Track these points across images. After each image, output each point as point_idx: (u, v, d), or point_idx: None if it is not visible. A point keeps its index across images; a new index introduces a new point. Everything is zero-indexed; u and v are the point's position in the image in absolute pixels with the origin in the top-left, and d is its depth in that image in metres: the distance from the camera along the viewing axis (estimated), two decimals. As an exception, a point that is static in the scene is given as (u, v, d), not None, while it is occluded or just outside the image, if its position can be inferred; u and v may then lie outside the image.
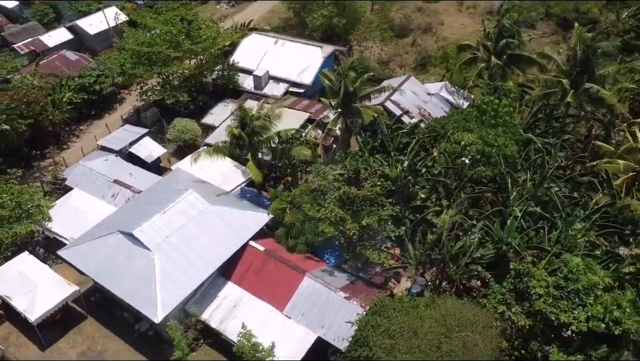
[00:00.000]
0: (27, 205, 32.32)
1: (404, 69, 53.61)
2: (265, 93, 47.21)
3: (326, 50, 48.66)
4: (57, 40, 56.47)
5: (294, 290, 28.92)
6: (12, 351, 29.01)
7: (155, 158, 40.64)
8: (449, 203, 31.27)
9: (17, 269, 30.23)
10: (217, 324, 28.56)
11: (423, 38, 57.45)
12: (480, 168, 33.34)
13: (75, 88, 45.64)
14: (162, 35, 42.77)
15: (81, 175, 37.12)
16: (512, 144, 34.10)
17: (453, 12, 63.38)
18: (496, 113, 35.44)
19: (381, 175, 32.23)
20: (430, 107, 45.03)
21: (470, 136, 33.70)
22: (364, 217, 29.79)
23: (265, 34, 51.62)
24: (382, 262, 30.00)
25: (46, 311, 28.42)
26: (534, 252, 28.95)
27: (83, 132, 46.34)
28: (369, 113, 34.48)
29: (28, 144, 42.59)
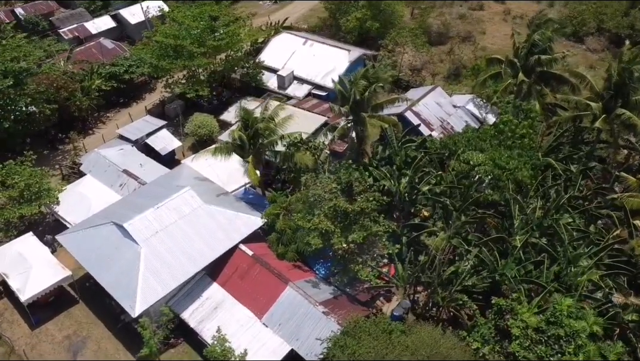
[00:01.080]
0: (35, 187, 33.48)
1: (435, 78, 51.94)
2: (287, 94, 47.00)
3: (353, 54, 47.77)
4: (100, 28, 58.54)
5: (275, 299, 28.54)
6: (4, 327, 30.26)
7: (169, 151, 41.24)
8: (444, 226, 29.88)
9: (16, 249, 31.45)
10: (196, 324, 28.61)
11: (461, 47, 55.36)
12: (488, 191, 31.74)
13: (106, 76, 47.02)
14: (189, 30, 43.26)
15: (95, 162, 38.21)
16: (527, 168, 32.16)
17: (498, 21, 60.73)
18: (513, 134, 33.55)
19: (378, 189, 31.25)
20: (454, 121, 43.33)
21: (480, 156, 32.10)
22: (354, 232, 28.96)
23: (295, 33, 51.29)
24: (369, 279, 29.10)
25: (37, 292, 29.41)
26: (529, 286, 27.24)
27: (109, 119, 47.75)
28: (376, 124, 33.39)
29: (55, 127, 44.36)
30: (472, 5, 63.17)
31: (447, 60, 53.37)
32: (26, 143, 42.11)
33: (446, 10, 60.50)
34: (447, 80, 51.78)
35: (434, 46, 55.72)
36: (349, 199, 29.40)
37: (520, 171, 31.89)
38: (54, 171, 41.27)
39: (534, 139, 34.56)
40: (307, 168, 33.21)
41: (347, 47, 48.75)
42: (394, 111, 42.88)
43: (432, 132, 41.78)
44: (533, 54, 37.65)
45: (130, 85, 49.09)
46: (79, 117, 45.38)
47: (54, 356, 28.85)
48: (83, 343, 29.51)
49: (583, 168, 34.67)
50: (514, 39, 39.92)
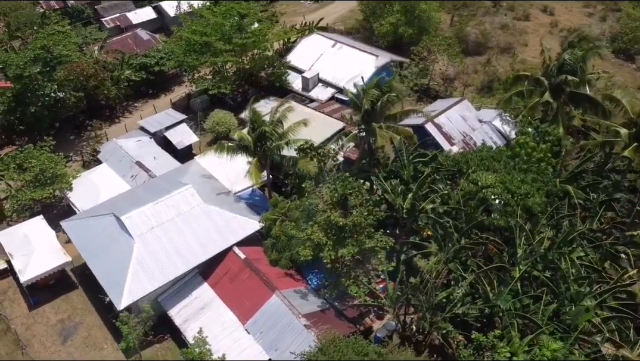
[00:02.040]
0: (49, 172, 34.59)
1: (467, 89, 50.08)
2: (310, 96, 46.57)
3: (381, 60, 46.72)
4: (141, 18, 60.09)
5: (260, 306, 28.27)
6: (5, 305, 31.50)
7: (186, 145, 41.72)
8: (441, 247, 28.64)
9: (24, 230, 32.64)
10: (181, 322, 28.78)
11: (499, 58, 53.16)
12: (494, 215, 30.21)
13: (136, 67, 48.10)
14: (215, 27, 43.53)
15: (111, 151, 39.16)
16: (539, 195, 30.38)
17: (543, 33, 57.81)
18: (529, 157, 31.76)
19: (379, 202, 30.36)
20: (478, 136, 41.57)
21: (490, 177, 30.54)
22: (347, 246, 28.25)
23: (325, 35, 50.71)
24: (359, 295, 28.33)
25: (36, 275, 30.42)
26: (524, 322, 25.69)
27: (137, 109, 48.84)
28: (386, 135, 32.38)
29: (84, 113, 45.79)
30: (518, 15, 60.46)
31: (482, 72, 51.31)
32: (54, 127, 43.78)
33: (488, 19, 58.20)
34: (479, 93, 49.82)
35: (471, 56, 53.75)
36: (343, 212, 28.64)
37: (532, 197, 30.15)
38: (76, 157, 42.66)
39: (552, 164, 32.56)
40: (310, 175, 32.68)
41: (376, 53, 47.74)
42: (414, 122, 41.71)
43: (452, 146, 40.26)
44: (563, 73, 35.44)
45: (160, 77, 49.99)
46: (106, 106, 46.67)
47: (46, 338, 29.74)
48: (75, 329, 30.28)
49: (606, 199, 32.40)
50: (544, 56, 37.75)
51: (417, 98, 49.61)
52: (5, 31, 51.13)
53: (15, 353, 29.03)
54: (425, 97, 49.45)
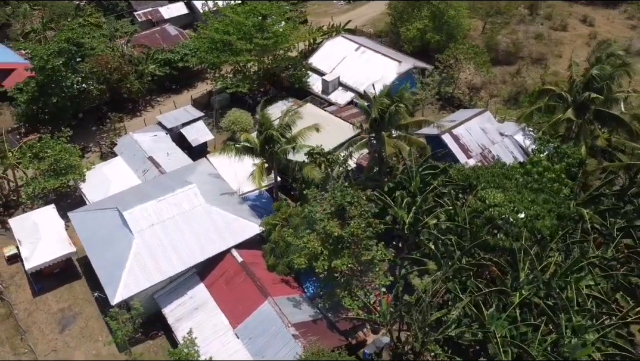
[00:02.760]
0: (63, 163, 35.39)
1: (493, 100, 48.51)
2: (329, 99, 46.10)
3: (404, 66, 45.73)
4: (173, 14, 60.90)
5: (252, 311, 28.11)
6: (11, 290, 32.47)
7: (200, 143, 41.99)
8: (440, 266, 27.73)
9: (34, 218, 33.52)
10: (174, 321, 28.95)
11: (530, 69, 51.27)
12: (500, 235, 29.04)
13: (161, 62, 48.73)
14: (237, 26, 43.56)
15: (127, 145, 39.76)
16: (550, 217, 29.03)
17: (580, 44, 55.37)
18: (541, 176, 30.38)
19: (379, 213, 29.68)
20: (498, 150, 40.15)
21: (499, 196, 29.36)
22: (343, 257, 27.73)
23: (350, 38, 50.02)
24: (352, 307, 27.79)
25: (40, 263, 31.22)
26: (519, 351, 24.57)
27: (159, 103, 49.48)
28: (392, 144, 31.61)
29: (108, 105, 46.74)
30: (555, 24, 58.12)
31: (510, 83, 49.58)
32: (77, 118, 44.85)
33: (522, 27, 56.16)
34: (505, 104, 48.17)
35: (500, 65, 52.04)
36: (341, 222, 28.10)
37: (542, 219, 28.83)
38: (95, 148, 43.58)
39: (568, 185, 31.02)
40: (314, 181, 32.26)
41: (400, 58, 46.78)
42: (431, 131, 40.64)
43: (469, 159, 39.02)
44: (589, 90, 33.71)
45: (185, 72, 50.48)
46: (129, 99, 47.45)
47: (45, 326, 30.45)
48: (73, 319, 30.91)
49: (625, 226, 30.68)
50: (571, 70, 36.02)
51: (440, 107, 48.44)
52: (41, 21, 52.83)
53: (14, 338, 29.87)
54: (449, 105, 48.20)
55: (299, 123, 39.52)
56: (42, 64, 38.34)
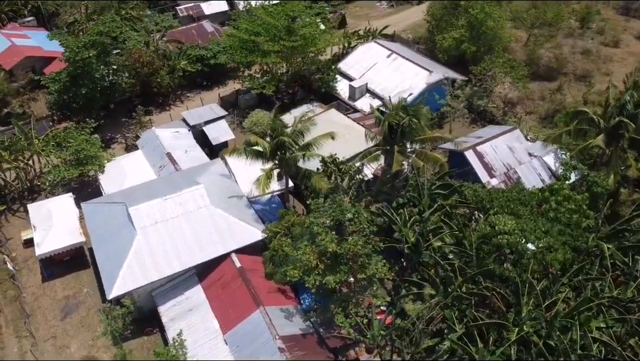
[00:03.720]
0: (83, 153, 36.31)
1: (529, 117, 46.24)
2: (355, 106, 45.25)
3: (434, 76, 44.23)
4: (214, 10, 61.61)
5: (243, 319, 27.85)
6: (24, 273, 33.66)
7: (221, 142, 42.12)
8: (438, 291, 26.52)
9: (51, 206, 34.57)
10: (167, 320, 29.09)
11: (572, 86, 48.53)
12: (507, 265, 27.53)
13: (193, 58, 49.29)
14: (267, 27, 43.39)
15: (148, 139, 40.40)
16: (563, 250, 27.20)
17: (631, 62, 51.88)
18: (559, 206, 28.53)
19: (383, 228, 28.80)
20: (524, 171, 38.22)
21: (510, 223, 27.72)
22: (339, 273, 27.03)
23: (383, 44, 48.89)
24: (344, 325, 27.08)
25: (49, 250, 32.14)
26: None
27: (189, 99, 50.11)
28: (400, 160, 30.53)
29: (139, 98, 47.76)
30: (606, 40, 54.75)
31: (549, 100, 47.07)
32: (108, 109, 46.08)
33: (569, 41, 53.17)
34: (541, 122, 45.79)
35: (540, 81, 49.56)
36: (339, 237, 27.37)
37: (555, 252, 27.06)
38: (122, 140, 44.57)
39: (589, 216, 28.98)
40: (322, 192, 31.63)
41: (431, 68, 45.28)
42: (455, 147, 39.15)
43: (491, 178, 37.33)
44: (623, 115, 31.41)
45: (216, 70, 50.84)
46: (159, 93, 48.24)
47: (49, 311, 31.36)
48: (76, 307, 31.66)
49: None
50: (608, 93, 33.68)
51: (472, 120, 46.62)
52: (85, 12, 54.57)
53: (19, 320, 30.93)
54: (481, 120, 46.31)
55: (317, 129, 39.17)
56: (72, 56, 39.47)
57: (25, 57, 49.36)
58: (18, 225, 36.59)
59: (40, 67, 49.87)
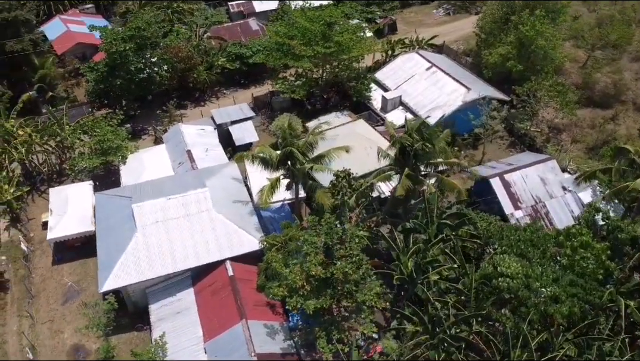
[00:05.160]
0: (107, 144, 37.27)
1: (575, 146, 42.84)
2: (385, 118, 43.63)
3: (472, 94, 41.76)
4: (264, 7, 61.59)
5: (225, 329, 27.49)
6: (37, 254, 35.05)
7: (245, 143, 41.95)
8: (426, 330, 24.89)
9: (69, 192, 35.75)
10: (155, 320, 29.27)
11: (628, 116, 44.47)
12: (505, 311, 25.44)
13: (232, 56, 49.48)
14: (302, 31, 42.69)
15: (173, 134, 40.94)
16: (571, 303, 24.70)
17: None
18: (574, 252, 25.96)
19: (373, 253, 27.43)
20: (554, 206, 35.53)
21: (514, 265, 25.54)
22: (325, 296, 26.01)
23: (424, 56, 46.79)
24: (325, 351, 26.06)
25: (60, 236, 33.28)
26: None
27: (225, 96, 50.38)
28: (406, 185, 28.92)
29: (177, 91, 48.58)
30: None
31: (600, 129, 43.34)
32: (146, 100, 47.16)
33: (634, 66, 48.67)
34: (588, 153, 42.29)
35: (593, 107, 45.78)
36: (329, 260, 26.30)
37: (561, 304, 24.64)
38: (152, 132, 45.45)
39: (609, 268, 26.16)
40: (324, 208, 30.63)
41: (470, 85, 42.80)
42: (482, 172, 36.96)
43: (516, 210, 34.98)
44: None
45: (256, 68, 50.74)
46: (196, 88, 48.79)
47: (52, 295, 32.46)
48: (77, 294, 32.58)
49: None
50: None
51: (510, 144, 43.80)
52: (139, 3, 56.19)
53: (24, 300, 32.22)
54: (520, 144, 43.39)
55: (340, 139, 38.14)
56: (108, 47, 40.59)
57: (77, 43, 51.49)
58: (42, 206, 38.16)
59: (90, 54, 51.94)
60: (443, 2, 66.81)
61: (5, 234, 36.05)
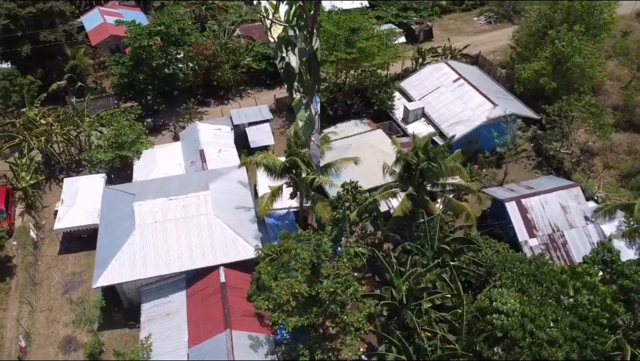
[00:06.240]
0: (122, 138, 37.71)
1: (607, 172, 40.14)
2: (406, 129, 42.25)
3: (497, 111, 39.71)
4: (300, 8, 60.89)
5: (209, 337, 27.18)
6: (46, 242, 35.89)
7: (259, 145, 41.52)
8: None
9: (80, 183, 36.39)
10: (144, 320, 29.30)
11: (672, 144, 41.32)
12: (497, 350, 23.90)
13: (259, 56, 49.21)
14: (326, 36, 41.83)
15: (189, 133, 41.01)
16: (569, 348, 22.93)
17: None
18: (577, 294, 24.11)
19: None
20: (574, 237, 33.41)
21: (511, 302, 23.94)
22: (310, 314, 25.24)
23: (453, 67, 44.91)
24: (305, 372, 25.34)
25: (65, 226, 33.92)
26: None
27: (249, 95, 50.15)
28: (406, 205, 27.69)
29: (201, 88, 48.79)
30: None
31: (636, 156, 40.42)
32: (171, 96, 47.53)
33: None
34: (621, 180, 39.50)
35: (633, 132, 42.83)
36: (315, 278, 25.48)
37: (558, 348, 22.91)
38: (172, 128, 45.78)
39: (616, 313, 24.13)
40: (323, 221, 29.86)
41: (498, 101, 40.72)
42: (498, 194, 35.18)
43: (530, 238, 33.08)
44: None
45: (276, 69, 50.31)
46: (221, 86, 48.80)
47: (54, 284, 33.13)
48: (77, 285, 33.11)
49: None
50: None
51: (536, 165, 41.53)
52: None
53: (27, 286, 33.02)
54: (547, 165, 41.04)
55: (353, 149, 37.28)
56: (131, 42, 41.06)
57: (110, 35, 52.45)
58: (57, 195, 38.91)
59: (123, 47, 52.83)
60: (486, 10, 64.26)
61: (19, 220, 37.10)
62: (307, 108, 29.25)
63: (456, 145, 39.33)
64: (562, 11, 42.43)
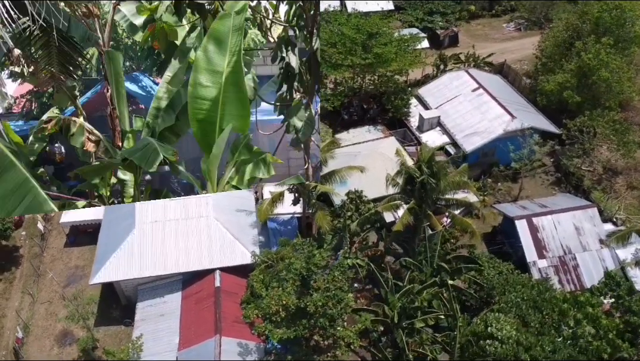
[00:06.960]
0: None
1: (630, 193, 38.26)
2: (420, 138, 41.19)
3: (515, 123, 38.22)
4: (324, 8, 60.27)
5: (199, 342, 27.06)
6: (53, 234, 36.41)
7: (268, 148, 41.17)
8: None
9: (89, 179, 36.72)
10: (138, 319, 29.38)
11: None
12: (489, 376, 22.93)
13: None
14: (342, 39, 41.12)
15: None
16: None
17: None
18: (577, 325, 22.88)
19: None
20: (586, 260, 31.98)
21: (507, 328, 22.96)
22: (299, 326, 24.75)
23: (473, 75, 43.52)
24: (292, 384, 24.90)
25: (71, 220, 34.30)
26: None
27: (265, 96, 49.87)
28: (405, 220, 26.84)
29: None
30: None
31: (663, 177, 38.45)
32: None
33: None
34: (642, 202, 37.62)
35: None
36: (305, 290, 24.93)
37: (553, 380, 21.84)
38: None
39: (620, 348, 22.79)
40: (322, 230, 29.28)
41: (517, 113, 39.23)
42: (508, 211, 33.95)
43: (540, 259, 31.78)
44: None
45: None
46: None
47: (57, 276, 33.55)
48: (79, 279, 33.44)
49: None
50: None
51: (555, 181, 39.92)
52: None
53: (31, 277, 33.56)
54: (566, 182, 39.36)
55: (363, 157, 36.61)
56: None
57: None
58: (70, 187, 39.62)
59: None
60: (516, 16, 62.23)
61: (30, 210, 37.71)
62: (307, 108, 28.44)
63: (471, 157, 38.40)
64: (590, 22, 40.58)
